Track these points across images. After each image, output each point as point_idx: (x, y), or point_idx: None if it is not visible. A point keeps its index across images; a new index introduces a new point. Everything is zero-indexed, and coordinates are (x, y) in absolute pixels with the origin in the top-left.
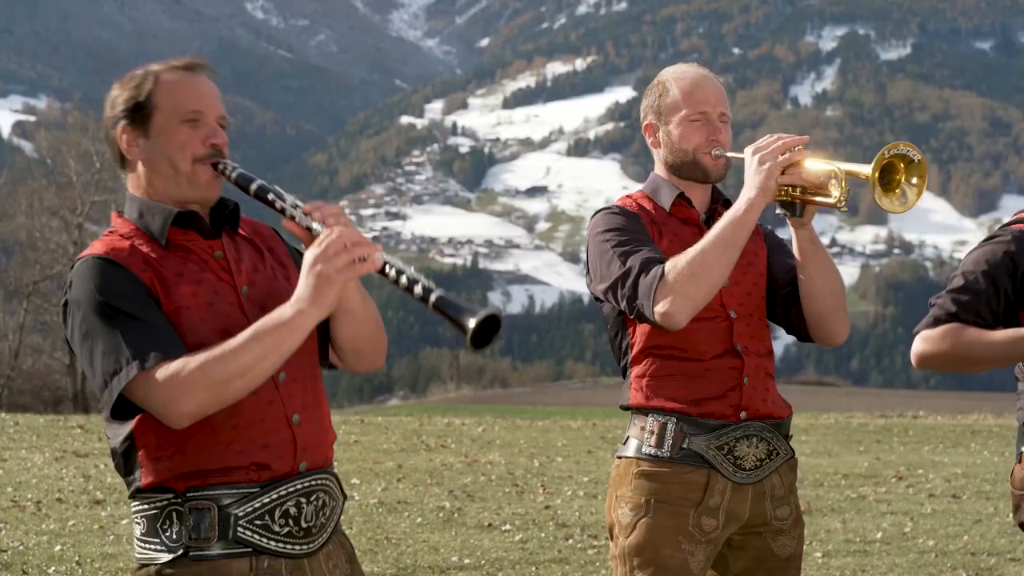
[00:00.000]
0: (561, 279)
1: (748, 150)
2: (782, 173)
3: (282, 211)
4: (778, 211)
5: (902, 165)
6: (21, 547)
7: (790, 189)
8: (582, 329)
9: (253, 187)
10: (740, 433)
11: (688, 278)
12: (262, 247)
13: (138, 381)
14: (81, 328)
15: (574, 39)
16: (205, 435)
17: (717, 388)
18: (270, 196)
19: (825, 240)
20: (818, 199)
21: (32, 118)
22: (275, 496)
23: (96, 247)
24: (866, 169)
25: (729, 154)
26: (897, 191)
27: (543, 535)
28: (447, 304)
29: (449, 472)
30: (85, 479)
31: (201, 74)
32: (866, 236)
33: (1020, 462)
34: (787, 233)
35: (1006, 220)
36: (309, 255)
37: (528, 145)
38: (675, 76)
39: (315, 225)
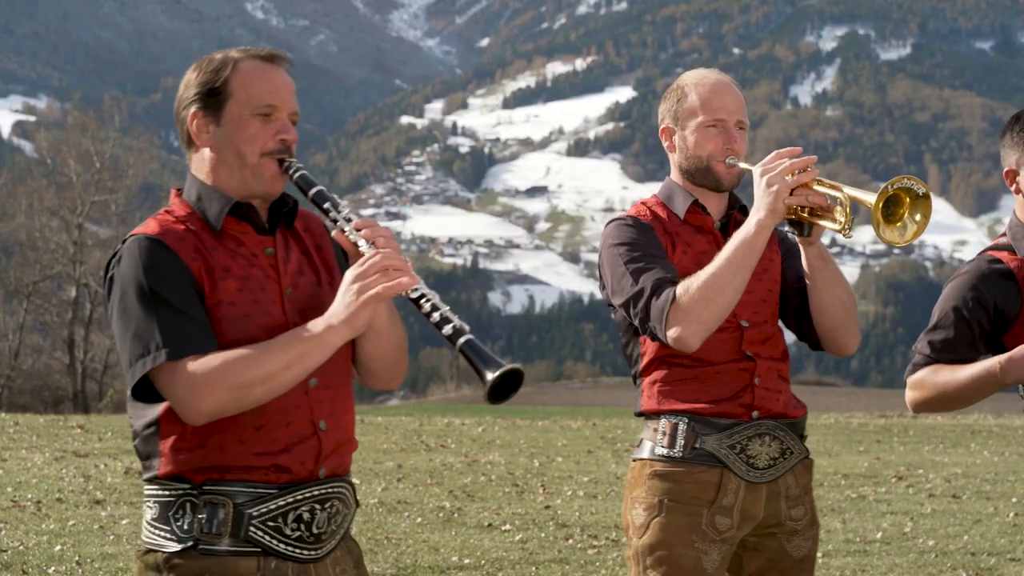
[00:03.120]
0: (561, 279)
1: (756, 170)
2: (790, 194)
3: (335, 221)
4: (786, 228)
5: (907, 199)
6: (21, 547)
7: (799, 209)
8: (582, 329)
9: (312, 192)
10: (752, 432)
11: (700, 303)
12: (310, 246)
13: (164, 370)
14: (121, 305)
15: (574, 39)
16: (228, 433)
17: (729, 389)
18: (326, 205)
19: (825, 239)
20: (823, 222)
21: (32, 118)
22: (291, 500)
23: (150, 226)
24: (870, 198)
25: (742, 165)
26: (899, 224)
27: (543, 535)
28: (473, 350)
29: (449, 472)
30: (85, 479)
31: (280, 66)
32: (866, 236)
33: None
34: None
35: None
36: (350, 273)
37: (528, 145)
38: (694, 81)
39: (362, 243)
